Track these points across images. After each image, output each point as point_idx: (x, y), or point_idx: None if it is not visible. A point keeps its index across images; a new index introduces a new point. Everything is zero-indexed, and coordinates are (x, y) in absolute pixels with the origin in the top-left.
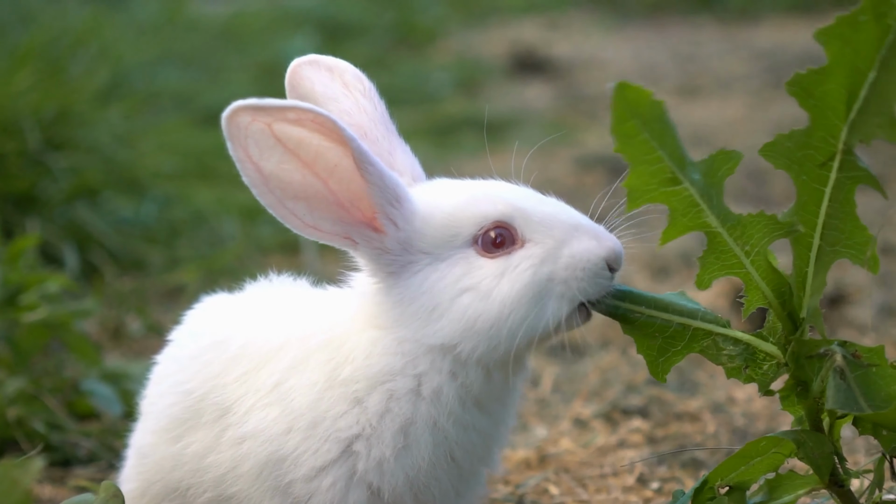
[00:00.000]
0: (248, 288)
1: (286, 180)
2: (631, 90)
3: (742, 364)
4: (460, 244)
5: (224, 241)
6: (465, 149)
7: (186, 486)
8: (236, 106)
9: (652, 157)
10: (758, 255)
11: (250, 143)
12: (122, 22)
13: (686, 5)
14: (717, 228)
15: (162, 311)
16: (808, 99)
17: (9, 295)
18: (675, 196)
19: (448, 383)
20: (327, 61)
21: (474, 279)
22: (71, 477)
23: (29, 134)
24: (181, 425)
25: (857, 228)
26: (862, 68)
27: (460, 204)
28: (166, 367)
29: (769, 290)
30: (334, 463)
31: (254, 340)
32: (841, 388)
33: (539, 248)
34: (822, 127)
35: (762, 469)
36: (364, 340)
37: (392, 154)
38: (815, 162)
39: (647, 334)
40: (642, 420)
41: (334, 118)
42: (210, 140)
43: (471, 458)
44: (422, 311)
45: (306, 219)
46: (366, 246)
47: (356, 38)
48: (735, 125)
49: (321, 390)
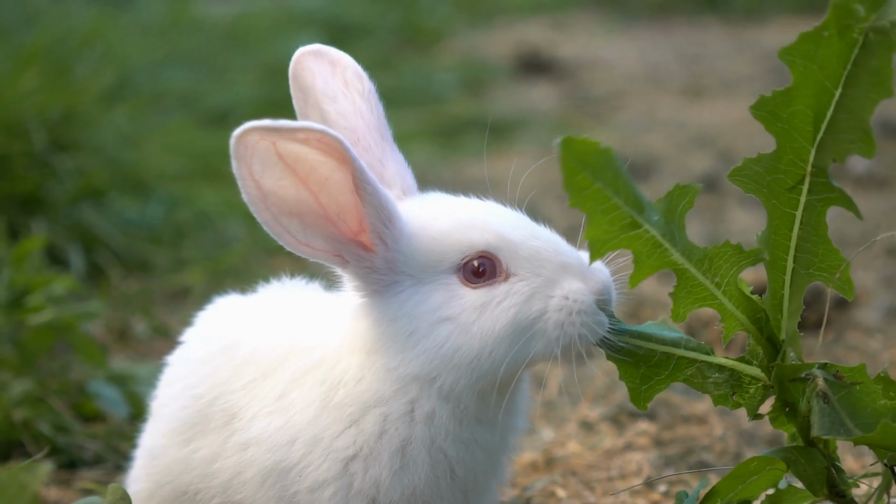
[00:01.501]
0: (260, 290)
1: (282, 196)
2: (577, 143)
3: (729, 391)
4: (444, 270)
5: (230, 242)
6: (469, 150)
7: (195, 491)
8: (248, 126)
9: (608, 205)
10: (728, 284)
11: (255, 162)
12: (127, 23)
13: (691, 6)
14: (684, 265)
15: (168, 313)
16: (775, 122)
17: (15, 297)
18: (637, 240)
19: (441, 406)
20: (331, 54)
21: (454, 309)
22: (77, 479)
23: (34, 135)
24: (190, 429)
25: (829, 252)
26: (828, 86)
27: (447, 229)
28: (177, 370)
29: (745, 318)
30: (334, 479)
31: (260, 348)
32: (825, 413)
33: (524, 285)
34: (790, 150)
35: (762, 485)
36: (354, 364)
37: (383, 163)
38: (784, 186)
39: (631, 363)
40: (649, 423)
41: (341, 138)
42: (215, 141)
43: (475, 474)
44: (399, 334)
45: (299, 236)
46: (356, 265)
47: (361, 38)
48: (740, 126)
49: (318, 409)
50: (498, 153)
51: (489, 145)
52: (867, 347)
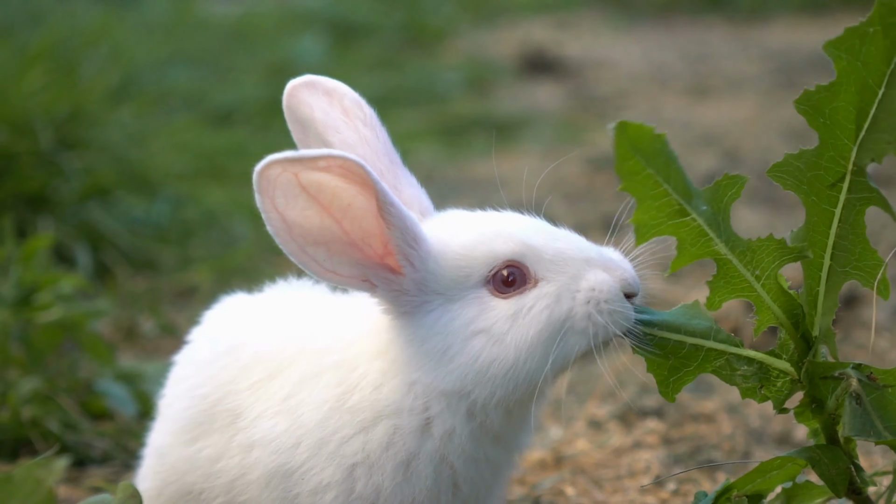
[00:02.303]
0: (267, 290)
1: (307, 227)
2: (632, 128)
3: (757, 384)
4: (472, 284)
5: (236, 241)
6: (475, 149)
7: (200, 490)
8: (270, 160)
9: (658, 191)
10: (768, 278)
11: (277, 194)
12: (133, 22)
13: (696, 5)
14: (727, 255)
15: (175, 311)
16: (818, 117)
17: (23, 295)
18: (683, 227)
19: (463, 424)
20: (326, 84)
21: (487, 321)
22: (86, 477)
23: (41, 134)
24: (196, 428)
25: (867, 251)
26: (871, 84)
27: (471, 243)
28: (183, 370)
29: (781, 312)
30: (337, 483)
31: (268, 348)
32: (857, 414)
33: (552, 287)
34: (832, 147)
35: (779, 479)
36: (374, 371)
37: (398, 187)
38: (825, 183)
39: (659, 355)
40: (658, 421)
41: (362, 162)
42: (221, 140)
43: (477, 489)
44: (433, 352)
45: (326, 264)
46: (384, 288)
47: (366, 38)
48: (746, 125)
49: (329, 410)
50: (503, 152)
51: (494, 145)
52: (874, 346)
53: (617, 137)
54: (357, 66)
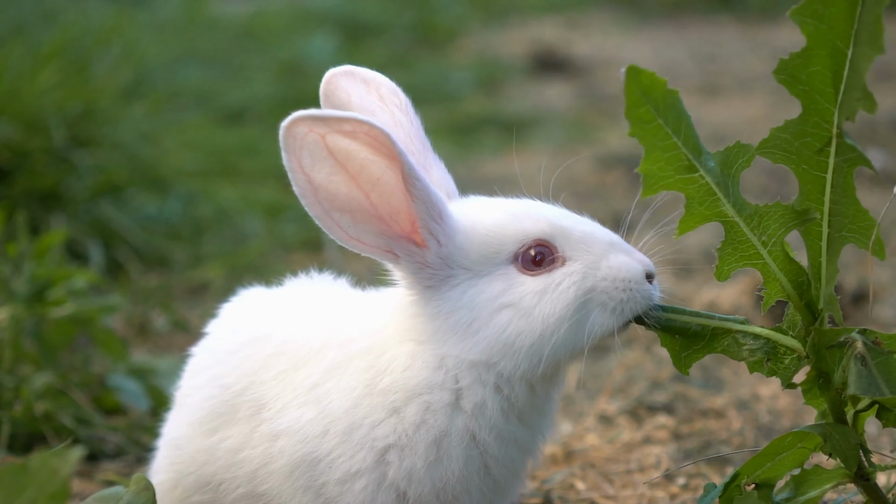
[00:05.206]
0: (288, 283)
1: (333, 192)
2: (645, 75)
3: (764, 357)
4: (501, 261)
5: (248, 238)
6: (486, 148)
7: (219, 481)
8: (296, 116)
9: (667, 143)
10: (774, 245)
11: (304, 154)
12: (144, 21)
13: (706, 5)
14: (734, 218)
15: (187, 308)
16: (797, 84)
17: (36, 290)
18: (692, 184)
19: (493, 397)
20: (363, 73)
21: (515, 296)
22: (98, 471)
23: (54, 131)
24: (217, 419)
25: (859, 212)
26: (840, 46)
27: (502, 221)
28: (203, 360)
29: (787, 281)
30: (368, 469)
31: (293, 339)
32: (862, 374)
33: (579, 265)
34: (815, 112)
35: (788, 465)
36: (403, 352)
37: (428, 170)
38: (813, 149)
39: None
40: (667, 416)
41: (388, 131)
42: (232, 138)
43: (507, 472)
44: (459, 325)
45: (350, 231)
46: (407, 260)
47: (376, 37)
48: (756, 124)
49: (359, 396)
50: (514, 151)
51: (505, 143)
52: None
53: (628, 82)
54: (368, 65)
